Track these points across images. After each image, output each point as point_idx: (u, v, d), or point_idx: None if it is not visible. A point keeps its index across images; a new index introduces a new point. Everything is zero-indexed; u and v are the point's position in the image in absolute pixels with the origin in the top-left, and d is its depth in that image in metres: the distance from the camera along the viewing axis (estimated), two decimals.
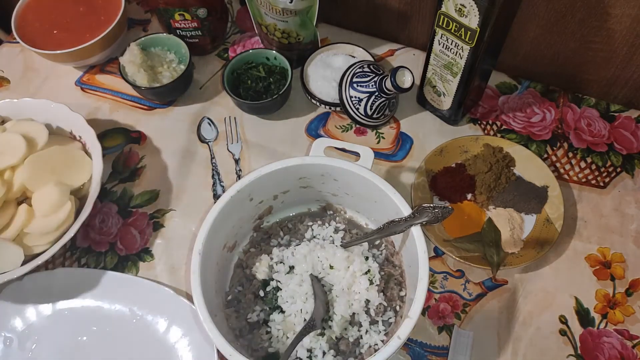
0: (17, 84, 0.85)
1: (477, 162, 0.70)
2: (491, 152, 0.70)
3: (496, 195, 0.68)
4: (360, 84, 0.72)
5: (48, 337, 0.63)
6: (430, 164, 0.71)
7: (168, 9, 0.76)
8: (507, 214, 0.67)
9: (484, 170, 0.69)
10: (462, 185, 0.69)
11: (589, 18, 0.69)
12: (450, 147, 0.71)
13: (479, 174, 0.69)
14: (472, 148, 0.72)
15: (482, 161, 0.69)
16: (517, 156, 0.71)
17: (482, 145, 0.71)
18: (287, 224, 0.66)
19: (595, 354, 0.61)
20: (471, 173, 0.70)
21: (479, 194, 0.69)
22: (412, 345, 0.62)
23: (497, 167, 0.69)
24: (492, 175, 0.68)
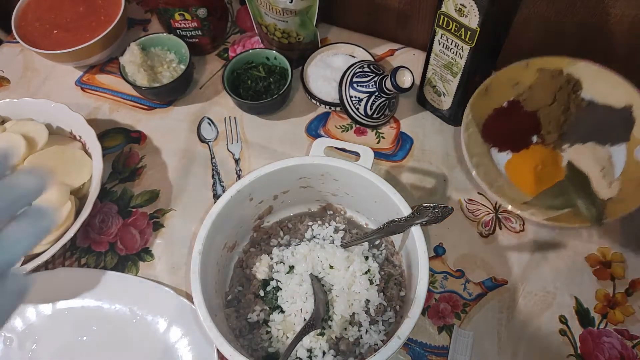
0: (17, 84, 0.85)
1: (534, 94, 0.57)
2: (549, 78, 0.57)
3: (569, 130, 0.56)
4: (360, 84, 0.72)
5: (48, 337, 0.63)
6: (477, 108, 0.58)
7: (168, 8, 0.76)
8: (589, 150, 0.55)
9: (546, 102, 0.56)
10: (522, 126, 0.57)
11: (588, 18, 0.69)
12: (496, 83, 0.58)
13: (542, 108, 0.56)
14: (524, 78, 0.59)
15: (541, 91, 0.56)
16: (583, 76, 0.58)
17: (536, 72, 0.59)
18: (287, 224, 0.66)
19: (596, 354, 0.61)
20: (530, 109, 0.57)
21: (547, 133, 0.56)
22: (412, 345, 0.62)
23: (561, 94, 0.56)
24: (558, 106, 0.55)
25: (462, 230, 0.68)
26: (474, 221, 0.69)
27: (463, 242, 0.68)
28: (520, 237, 0.68)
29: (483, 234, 0.68)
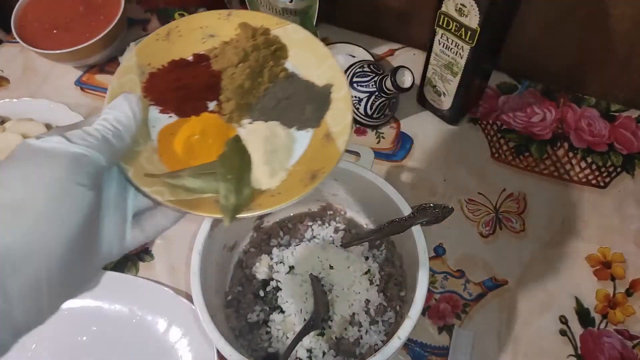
0: (16, 84, 0.85)
1: (226, 51, 0.45)
2: (249, 36, 0.46)
3: (255, 103, 0.45)
4: (360, 84, 0.72)
5: (48, 336, 0.63)
6: (151, 55, 0.45)
7: (168, 8, 0.76)
8: (267, 130, 0.44)
9: (233, 61, 0.44)
10: (199, 88, 0.45)
11: (589, 18, 0.69)
12: (186, 29, 0.46)
13: (228, 68, 0.45)
14: (223, 30, 0.46)
15: (233, 49, 0.45)
16: (290, 41, 0.46)
17: (238, 26, 0.46)
18: (287, 224, 0.66)
19: (596, 354, 0.60)
20: (217, 68, 0.45)
21: (226, 100, 0.44)
22: (412, 345, 0.61)
23: (256, 57, 0.45)
24: (246, 70, 0.44)
25: (462, 230, 0.68)
26: (474, 221, 0.69)
27: (463, 242, 0.68)
28: (521, 237, 0.68)
29: (483, 234, 0.68)
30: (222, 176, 0.41)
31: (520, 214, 0.69)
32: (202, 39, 0.46)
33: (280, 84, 0.45)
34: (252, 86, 0.45)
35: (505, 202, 0.70)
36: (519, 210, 0.70)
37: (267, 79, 0.45)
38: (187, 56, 0.46)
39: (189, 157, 0.43)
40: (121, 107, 0.38)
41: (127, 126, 0.38)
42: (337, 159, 0.41)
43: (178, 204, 0.40)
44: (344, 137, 0.42)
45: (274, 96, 0.45)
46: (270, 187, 0.42)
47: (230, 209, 0.40)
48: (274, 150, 0.43)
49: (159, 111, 0.44)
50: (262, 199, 0.41)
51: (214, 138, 0.44)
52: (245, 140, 0.44)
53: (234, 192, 0.40)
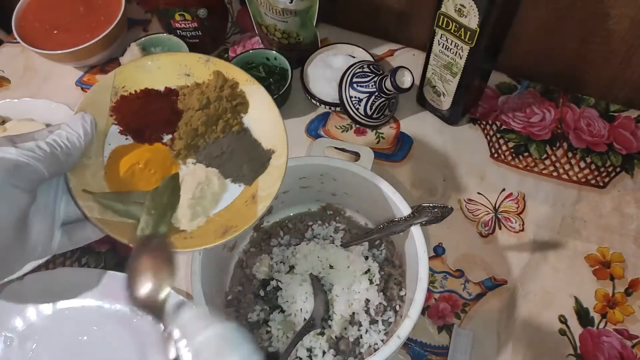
0: (17, 84, 0.86)
1: (193, 94, 0.49)
2: (219, 85, 0.49)
3: (203, 147, 0.48)
4: (360, 84, 0.72)
5: (48, 337, 0.63)
6: (126, 78, 0.49)
7: (168, 9, 0.76)
8: (204, 175, 0.48)
9: (195, 106, 0.48)
10: (160, 119, 0.48)
11: (588, 18, 0.69)
12: (166, 62, 0.49)
13: (189, 110, 0.48)
14: (198, 72, 0.50)
15: (199, 95, 0.49)
16: (253, 100, 0.50)
17: (212, 73, 0.50)
18: (287, 224, 0.66)
19: (595, 353, 0.61)
20: (180, 107, 0.49)
21: (179, 138, 0.48)
22: (412, 344, 0.62)
23: (216, 106, 0.48)
24: (203, 117, 0.48)
25: (461, 230, 0.69)
26: (473, 221, 0.69)
27: (463, 242, 0.68)
28: (520, 237, 0.68)
29: (483, 233, 0.68)
30: (147, 209, 0.45)
31: (519, 214, 0.70)
32: (178, 76, 0.50)
33: (231, 136, 0.49)
34: (204, 132, 0.48)
35: (505, 202, 0.71)
36: (519, 210, 0.70)
37: (219, 129, 0.48)
38: (159, 87, 0.49)
39: (129, 182, 0.47)
40: (76, 126, 0.43)
41: (76, 146, 0.42)
42: (252, 221, 0.45)
43: (101, 223, 0.43)
44: (265, 204, 0.45)
45: (221, 146, 0.48)
46: (186, 229, 0.46)
47: (140, 238, 0.44)
48: (202, 197, 0.47)
49: (118, 131, 0.48)
50: (175, 238, 0.45)
51: (156, 169, 0.48)
52: (182, 179, 0.47)
53: (151, 226, 0.44)
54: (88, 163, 0.46)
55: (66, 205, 0.44)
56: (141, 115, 0.48)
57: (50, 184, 0.43)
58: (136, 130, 0.48)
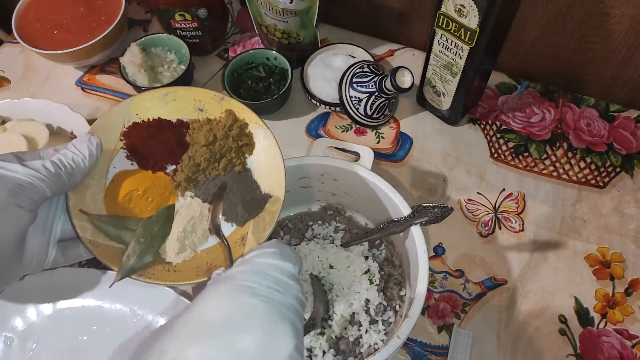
0: (17, 84, 0.86)
1: (202, 129, 0.50)
2: (229, 124, 0.50)
3: (203, 182, 0.50)
4: (360, 84, 0.72)
5: (48, 336, 0.63)
6: (141, 106, 0.50)
7: (168, 9, 0.76)
8: (199, 209, 0.49)
9: (201, 141, 0.49)
10: (163, 149, 0.50)
11: (588, 18, 0.69)
12: (182, 96, 0.51)
13: (196, 144, 0.50)
14: (211, 109, 0.51)
15: (207, 131, 0.50)
16: (259, 142, 0.51)
17: (225, 111, 0.51)
18: (287, 224, 0.66)
19: (595, 353, 0.61)
20: (188, 140, 0.50)
21: (181, 171, 0.49)
22: (412, 344, 0.62)
23: (221, 144, 0.50)
24: (208, 153, 0.49)
25: (461, 230, 0.69)
26: (473, 221, 0.69)
27: (463, 242, 0.68)
28: (520, 237, 0.68)
29: (483, 233, 0.68)
30: (137, 236, 0.46)
31: (519, 213, 0.70)
32: (191, 109, 0.51)
33: (232, 174, 0.50)
34: (206, 167, 0.49)
35: (505, 202, 0.71)
36: (518, 210, 0.70)
37: (221, 167, 0.50)
38: (172, 119, 0.51)
39: (125, 207, 0.48)
40: (82, 147, 0.45)
41: (80, 167, 0.44)
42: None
43: (91, 245, 0.45)
44: (252, 248, 0.45)
45: (221, 183, 0.49)
46: (172, 262, 0.47)
47: (126, 269, 0.45)
48: (192, 231, 0.48)
49: (125, 155, 0.50)
50: (158, 269, 0.46)
51: (154, 198, 0.49)
52: (177, 211, 0.48)
53: (137, 255, 0.46)
54: (90, 183, 0.47)
55: (63, 223, 0.46)
56: (149, 143, 0.50)
57: (50, 202, 0.44)
58: (142, 156, 0.50)
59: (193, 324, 0.34)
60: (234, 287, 0.36)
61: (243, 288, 0.36)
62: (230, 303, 0.35)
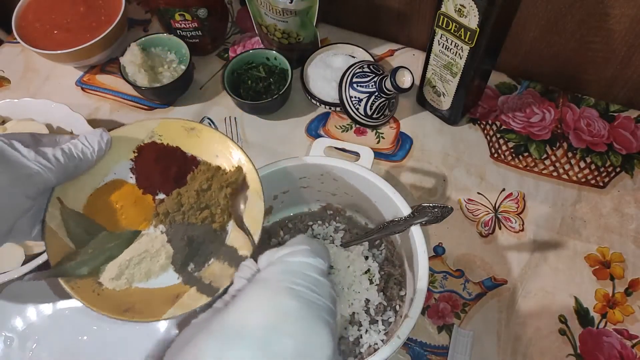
0: (17, 84, 0.86)
1: (206, 173, 0.50)
2: (231, 180, 0.50)
3: (178, 223, 0.49)
4: (360, 84, 0.72)
5: (49, 336, 0.63)
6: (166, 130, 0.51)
7: (168, 9, 0.76)
8: (158, 247, 0.48)
9: (195, 185, 0.49)
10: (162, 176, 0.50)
11: (588, 18, 0.69)
12: (206, 137, 0.51)
13: (191, 185, 0.50)
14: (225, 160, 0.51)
15: (205, 179, 0.50)
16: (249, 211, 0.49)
17: (235, 167, 0.51)
18: (287, 224, 0.66)
19: (595, 353, 0.61)
20: (188, 178, 0.50)
21: (165, 204, 0.49)
22: (412, 344, 0.62)
23: (213, 196, 0.50)
24: (195, 198, 0.49)
25: (461, 230, 0.69)
26: (473, 221, 0.69)
27: (463, 242, 0.68)
28: (520, 237, 0.68)
29: (483, 233, 0.68)
30: (89, 245, 0.47)
31: (519, 213, 0.70)
32: (209, 152, 0.51)
33: (207, 229, 0.49)
34: (187, 211, 0.49)
35: (505, 202, 0.71)
36: (518, 210, 0.70)
37: (200, 218, 0.49)
38: (189, 152, 0.51)
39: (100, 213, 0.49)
40: (92, 140, 0.46)
41: (87, 159, 0.45)
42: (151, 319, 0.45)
43: (48, 232, 0.45)
44: (176, 313, 0.44)
45: (190, 232, 0.49)
46: (102, 283, 0.46)
47: (59, 269, 0.45)
48: (138, 264, 0.47)
49: (130, 167, 0.51)
50: (85, 284, 0.46)
51: (128, 216, 0.49)
52: (139, 238, 0.48)
53: (78, 262, 0.45)
54: (82, 178, 0.48)
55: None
56: (154, 165, 0.50)
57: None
58: (142, 175, 0.51)
59: (231, 326, 0.34)
60: (272, 289, 0.36)
61: (280, 290, 0.36)
62: (268, 305, 0.35)
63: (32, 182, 0.41)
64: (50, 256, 0.45)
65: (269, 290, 0.36)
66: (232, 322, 0.34)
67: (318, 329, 0.34)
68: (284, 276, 0.37)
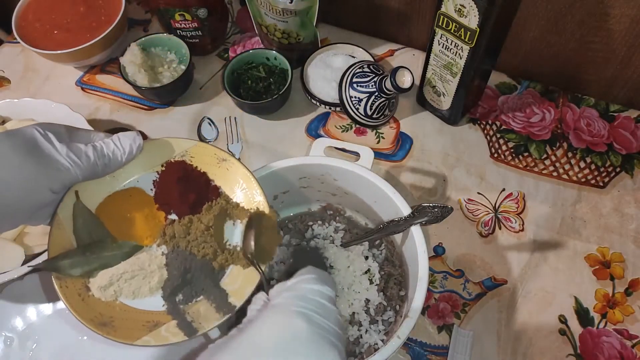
0: (17, 84, 0.86)
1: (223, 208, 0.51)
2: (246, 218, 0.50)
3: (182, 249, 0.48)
4: (360, 84, 0.72)
5: (49, 336, 0.63)
6: (198, 153, 0.51)
7: (168, 9, 0.76)
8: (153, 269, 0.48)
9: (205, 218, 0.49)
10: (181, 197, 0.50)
11: (588, 18, 0.69)
12: (233, 171, 0.52)
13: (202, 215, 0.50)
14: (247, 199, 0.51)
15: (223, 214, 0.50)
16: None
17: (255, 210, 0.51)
18: (287, 224, 0.66)
19: (595, 353, 0.61)
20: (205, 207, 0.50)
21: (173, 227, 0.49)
22: (412, 344, 0.62)
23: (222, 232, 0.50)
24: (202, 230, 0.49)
25: (461, 230, 0.69)
26: (473, 221, 0.69)
27: (463, 242, 0.68)
28: (520, 237, 0.68)
29: (483, 233, 0.68)
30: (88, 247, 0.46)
31: (519, 213, 0.70)
32: (233, 186, 0.51)
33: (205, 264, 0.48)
34: (192, 240, 0.49)
35: (505, 202, 0.71)
36: (518, 210, 0.70)
37: (201, 253, 0.48)
38: (212, 181, 0.51)
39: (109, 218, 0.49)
40: (125, 143, 0.46)
41: (117, 161, 0.45)
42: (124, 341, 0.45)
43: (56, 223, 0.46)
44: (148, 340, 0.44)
45: (188, 263, 0.48)
46: (89, 289, 0.47)
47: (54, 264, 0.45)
48: (129, 279, 0.47)
49: (153, 180, 0.51)
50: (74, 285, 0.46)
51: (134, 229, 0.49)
52: (138, 253, 0.48)
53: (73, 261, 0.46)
54: (104, 180, 0.48)
55: None
56: (175, 184, 0.50)
57: None
58: (163, 191, 0.51)
59: (247, 346, 0.36)
60: (283, 313, 0.38)
61: (291, 313, 0.38)
62: (281, 327, 0.37)
63: (59, 177, 0.41)
64: (50, 247, 0.46)
65: (280, 315, 0.38)
66: (248, 343, 0.36)
67: (326, 351, 0.36)
68: (295, 301, 0.39)
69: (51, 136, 0.41)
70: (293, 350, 0.35)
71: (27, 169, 0.39)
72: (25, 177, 0.39)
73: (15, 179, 0.39)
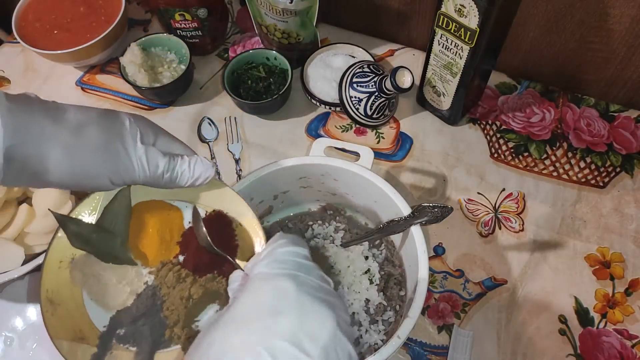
0: (17, 84, 0.86)
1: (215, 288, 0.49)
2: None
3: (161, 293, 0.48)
4: (360, 84, 0.72)
5: (49, 336, 0.63)
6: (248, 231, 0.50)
7: (168, 9, 0.76)
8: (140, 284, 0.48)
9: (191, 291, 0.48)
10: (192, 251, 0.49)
11: (588, 18, 0.69)
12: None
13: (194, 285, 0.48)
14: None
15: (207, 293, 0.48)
16: None
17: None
18: (287, 224, 0.66)
19: (595, 353, 0.61)
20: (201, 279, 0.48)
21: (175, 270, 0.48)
22: (412, 344, 0.62)
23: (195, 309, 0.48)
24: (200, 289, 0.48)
25: (461, 230, 0.69)
26: (473, 221, 0.69)
27: (463, 242, 0.68)
28: (520, 237, 0.68)
29: (483, 233, 0.68)
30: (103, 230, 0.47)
31: (519, 213, 0.70)
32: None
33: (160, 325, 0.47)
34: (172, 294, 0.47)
35: (505, 202, 0.71)
36: (518, 210, 0.70)
37: (166, 312, 0.47)
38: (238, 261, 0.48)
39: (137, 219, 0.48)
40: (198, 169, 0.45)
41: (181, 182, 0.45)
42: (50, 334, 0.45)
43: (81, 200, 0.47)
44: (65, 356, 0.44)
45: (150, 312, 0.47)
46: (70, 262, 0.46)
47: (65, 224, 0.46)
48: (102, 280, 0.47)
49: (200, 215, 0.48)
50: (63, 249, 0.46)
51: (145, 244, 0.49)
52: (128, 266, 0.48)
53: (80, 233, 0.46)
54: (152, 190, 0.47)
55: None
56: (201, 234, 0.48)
57: None
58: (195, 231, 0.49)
59: (235, 316, 0.37)
60: (268, 278, 0.39)
61: (276, 277, 0.38)
62: (268, 292, 0.37)
63: (123, 174, 0.41)
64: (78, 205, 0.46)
65: (263, 281, 0.39)
66: (235, 313, 0.37)
67: (315, 305, 0.37)
68: (274, 265, 0.40)
69: (137, 133, 0.41)
70: (284, 310, 0.36)
71: (100, 154, 0.40)
72: (95, 161, 0.39)
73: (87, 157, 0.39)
